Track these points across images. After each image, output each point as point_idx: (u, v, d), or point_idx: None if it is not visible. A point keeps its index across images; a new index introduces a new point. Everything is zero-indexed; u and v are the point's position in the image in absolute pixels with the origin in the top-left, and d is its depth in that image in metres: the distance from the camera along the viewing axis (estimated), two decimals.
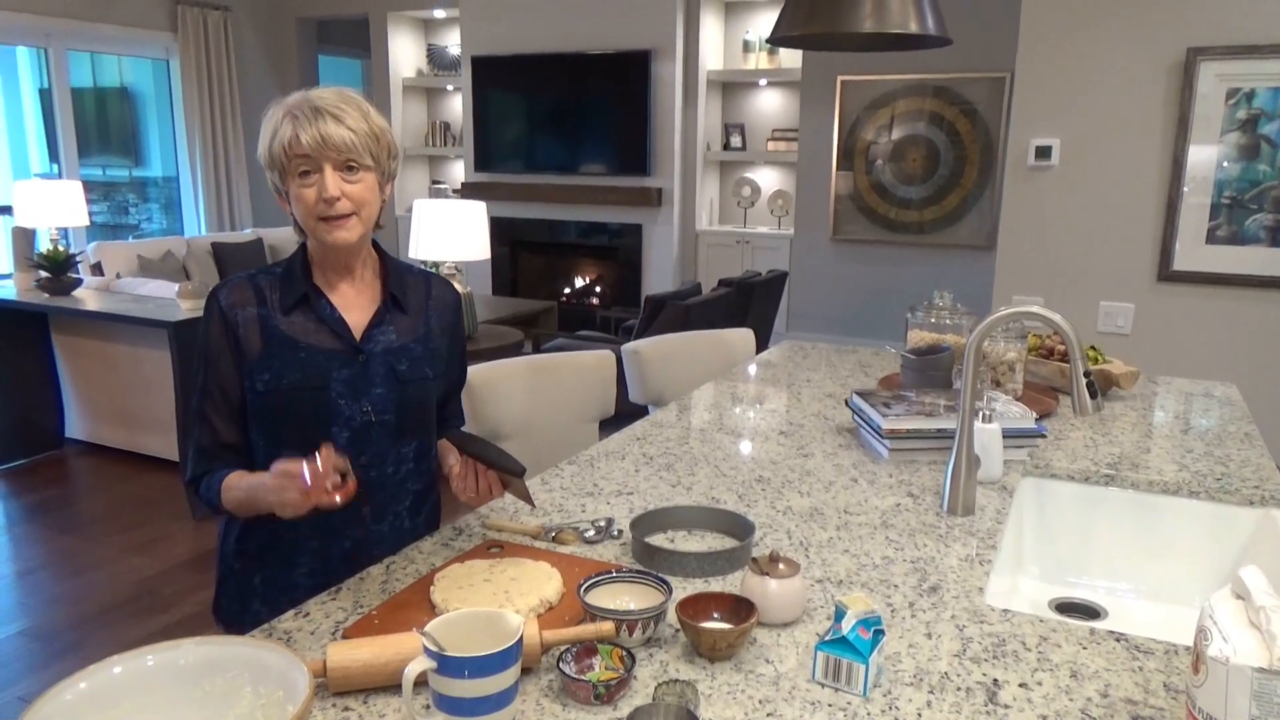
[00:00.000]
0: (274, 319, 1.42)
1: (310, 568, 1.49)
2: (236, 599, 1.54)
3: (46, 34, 6.85)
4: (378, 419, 1.46)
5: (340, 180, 1.36)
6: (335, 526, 1.48)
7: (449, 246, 4.01)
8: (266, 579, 1.51)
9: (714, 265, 7.27)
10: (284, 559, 1.49)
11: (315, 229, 1.39)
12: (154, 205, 8.12)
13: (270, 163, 1.38)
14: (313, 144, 1.33)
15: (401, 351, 1.48)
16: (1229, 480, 1.76)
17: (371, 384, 1.45)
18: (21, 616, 3.18)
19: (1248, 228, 3.35)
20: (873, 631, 1.06)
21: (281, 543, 1.49)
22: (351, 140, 1.36)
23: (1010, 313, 1.53)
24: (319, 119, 1.34)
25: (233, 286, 1.44)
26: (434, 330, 1.55)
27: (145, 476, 4.48)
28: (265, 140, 1.37)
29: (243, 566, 1.53)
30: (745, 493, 1.67)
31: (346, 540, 1.49)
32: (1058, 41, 3.50)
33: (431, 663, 0.94)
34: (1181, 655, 1.15)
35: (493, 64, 7.52)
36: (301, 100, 1.37)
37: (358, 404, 1.44)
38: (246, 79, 8.27)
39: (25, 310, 4.61)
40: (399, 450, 1.50)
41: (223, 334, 1.42)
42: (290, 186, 1.37)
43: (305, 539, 1.48)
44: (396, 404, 1.47)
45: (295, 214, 1.40)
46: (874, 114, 6.46)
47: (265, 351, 1.41)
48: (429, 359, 1.52)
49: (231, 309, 1.42)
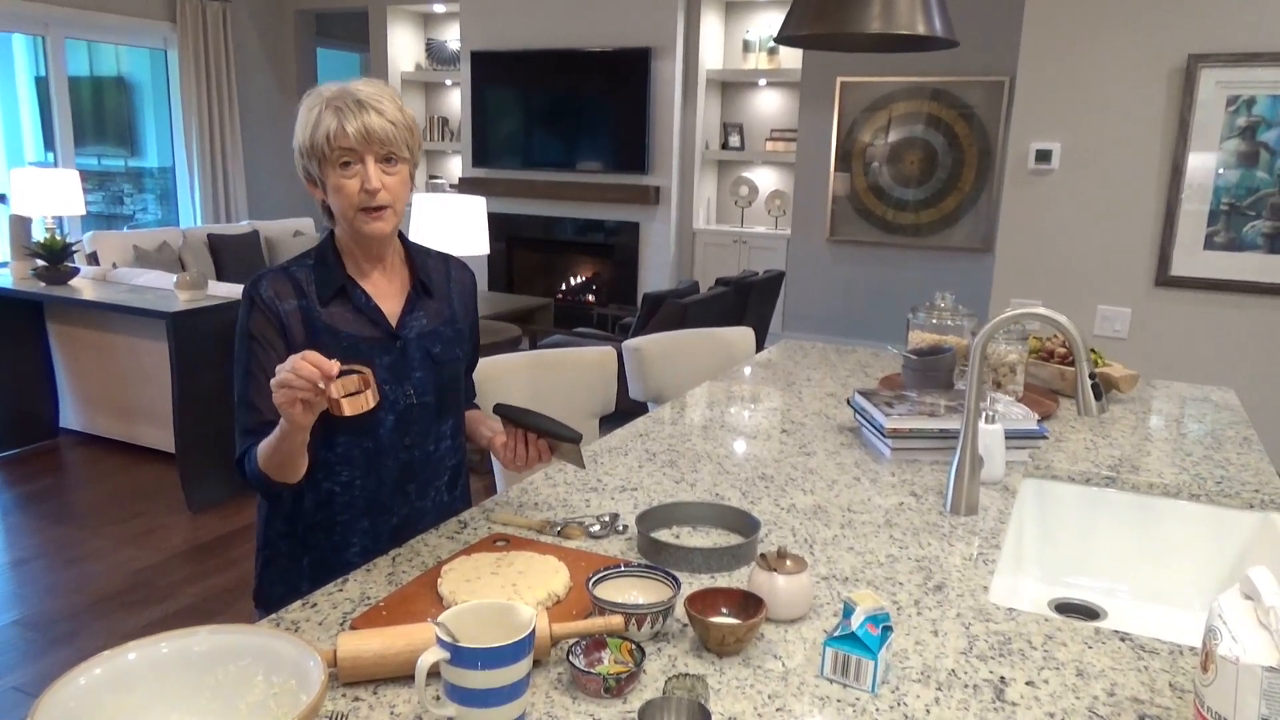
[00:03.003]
0: (315, 310, 1.45)
1: (362, 546, 1.53)
2: (282, 582, 1.56)
3: (45, 22, 6.81)
4: (419, 401, 1.52)
5: (380, 172, 1.39)
6: (384, 504, 1.53)
7: (448, 241, 4.01)
8: (316, 560, 1.54)
9: (710, 264, 7.28)
10: (336, 539, 1.53)
11: (354, 219, 1.41)
12: (149, 196, 8.09)
13: (310, 151, 1.39)
14: (357, 135, 1.36)
15: (434, 335, 1.54)
16: (1228, 484, 1.77)
17: (411, 368, 1.50)
18: (16, 606, 3.17)
19: (1246, 234, 3.37)
20: (881, 628, 1.07)
21: (334, 524, 1.52)
22: (392, 133, 1.39)
23: (1016, 314, 1.54)
24: (363, 111, 1.37)
25: (271, 279, 1.46)
26: (458, 312, 1.60)
27: (141, 467, 4.47)
28: (305, 129, 1.39)
29: (290, 549, 1.55)
30: (749, 490, 1.67)
31: (394, 517, 1.55)
32: (1059, 46, 3.51)
33: (445, 653, 0.94)
34: (1186, 655, 1.15)
35: (492, 59, 7.51)
36: (343, 91, 1.39)
37: (401, 388, 1.49)
38: (244, 71, 8.25)
39: (21, 299, 4.59)
40: (439, 429, 1.57)
41: (268, 322, 1.44)
42: (329, 177, 1.39)
43: (356, 519, 1.52)
44: (435, 385, 1.53)
45: (333, 204, 1.42)
46: (872, 116, 6.48)
47: (310, 343, 1.43)
48: (457, 340, 1.58)
49: (274, 300, 1.44)
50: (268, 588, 1.59)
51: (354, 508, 1.52)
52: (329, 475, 1.50)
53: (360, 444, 1.49)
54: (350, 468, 1.50)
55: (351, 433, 1.47)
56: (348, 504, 1.51)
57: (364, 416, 1.39)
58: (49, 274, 4.60)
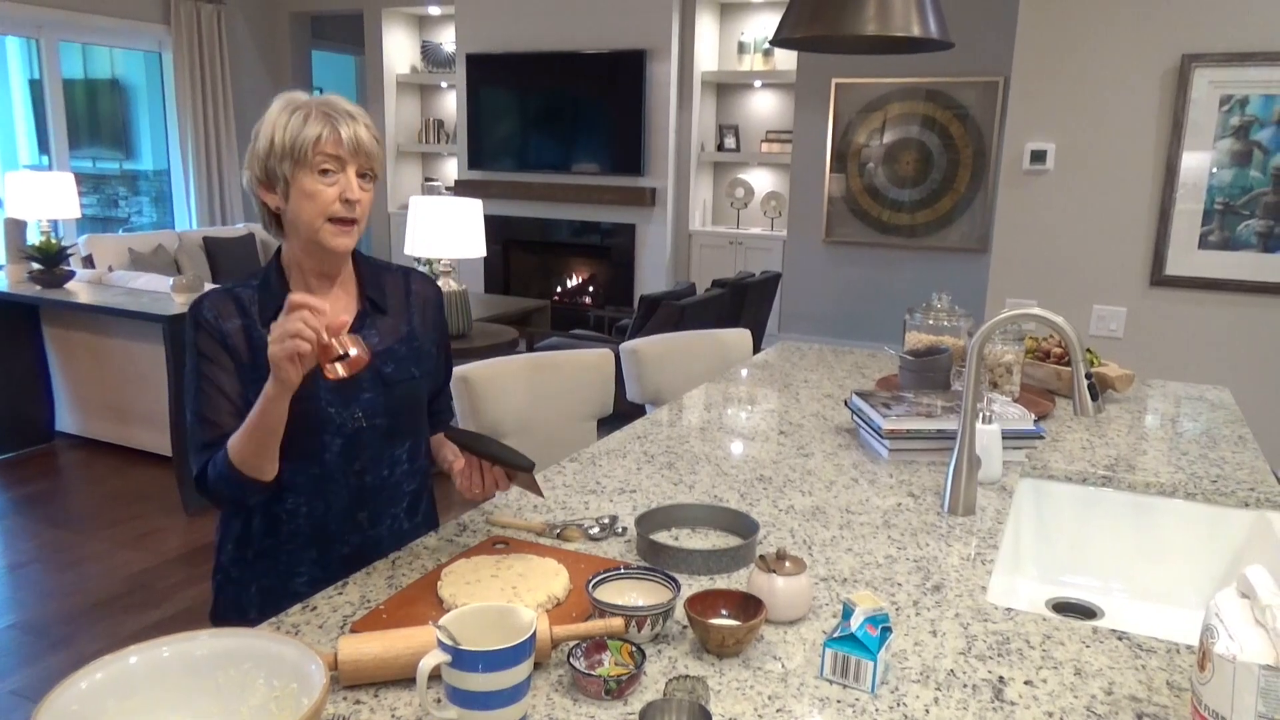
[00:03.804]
0: (256, 330, 1.41)
1: (310, 576, 1.48)
2: (233, 608, 1.52)
3: (38, 25, 6.80)
4: (369, 424, 1.45)
5: (359, 185, 1.37)
6: (333, 533, 1.47)
7: (445, 244, 4.01)
8: (264, 588, 1.49)
9: (707, 266, 7.28)
10: (282, 567, 1.48)
11: (320, 230, 1.36)
12: (144, 198, 8.08)
13: (287, 151, 1.33)
14: (350, 143, 1.34)
15: (386, 354, 1.47)
16: (1224, 482, 1.78)
17: (359, 389, 1.44)
18: (13, 610, 3.17)
19: (1239, 233, 3.38)
20: (880, 629, 1.07)
21: (280, 551, 1.47)
22: (375, 149, 1.39)
23: (1013, 314, 1.54)
24: (354, 122, 1.35)
25: (214, 300, 1.42)
26: (417, 328, 1.53)
27: (137, 470, 4.46)
28: (282, 130, 1.33)
29: (239, 575, 1.51)
30: (747, 491, 1.68)
31: (345, 546, 1.48)
32: (1054, 46, 3.52)
33: (446, 656, 0.94)
34: (1183, 654, 1.16)
35: (488, 61, 7.52)
36: (329, 101, 1.36)
37: (348, 410, 1.43)
38: (239, 73, 8.24)
39: (16, 302, 4.58)
40: (392, 453, 1.50)
41: (213, 340, 1.40)
42: (303, 181, 1.34)
43: (303, 548, 1.47)
44: (386, 407, 1.47)
45: (298, 211, 1.36)
46: (867, 117, 6.49)
47: (253, 362, 1.39)
48: (414, 358, 1.51)
49: (217, 320, 1.40)
50: (221, 612, 1.54)
51: (300, 536, 1.46)
52: (275, 500, 1.45)
53: (306, 469, 1.44)
54: (295, 494, 1.44)
55: (296, 458, 1.40)
56: (294, 532, 1.45)
57: (308, 442, 1.39)
58: (44, 277, 4.59)
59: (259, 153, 1.37)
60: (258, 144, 1.37)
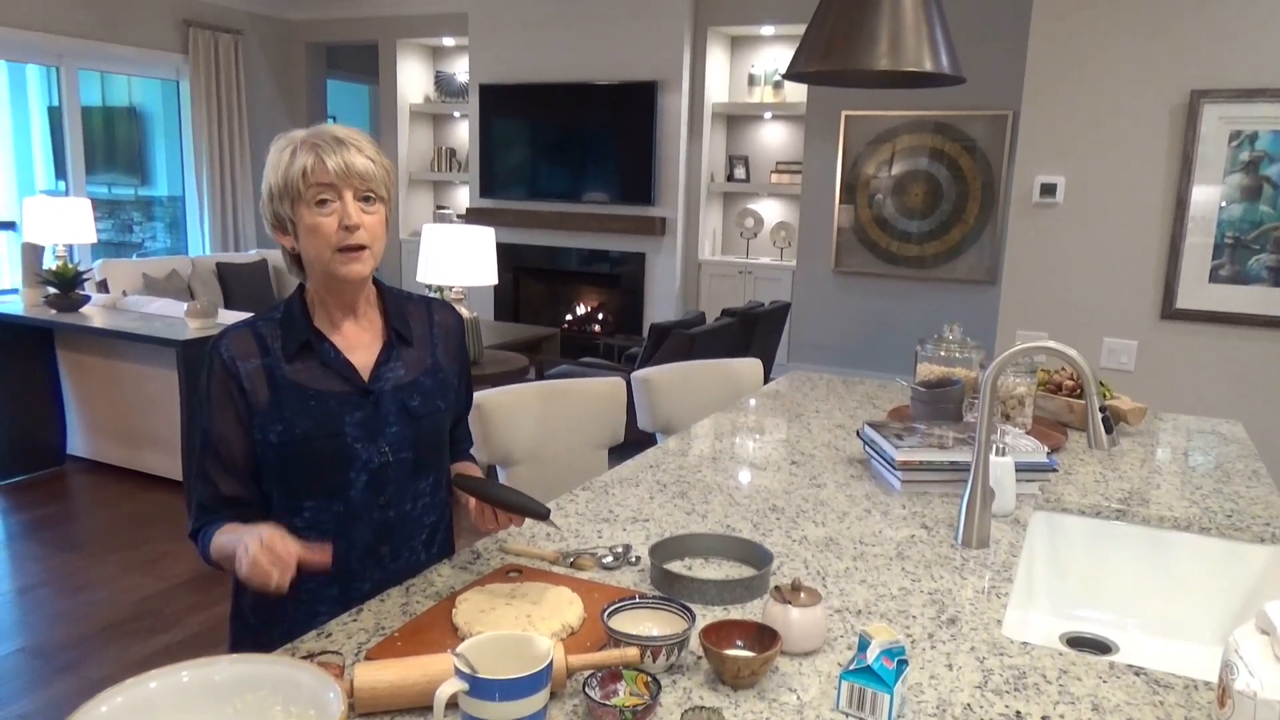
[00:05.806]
0: (279, 368, 1.39)
1: (330, 614, 1.45)
2: (255, 651, 1.49)
3: (59, 53, 6.91)
4: (395, 458, 1.44)
5: (359, 210, 1.35)
6: (354, 571, 1.45)
7: (457, 272, 4.04)
8: (286, 633, 1.45)
9: (716, 295, 7.31)
10: (305, 611, 1.45)
11: (330, 261, 1.36)
12: (159, 224, 8.15)
13: (284, 190, 1.34)
14: (338, 170, 1.32)
15: (412, 387, 1.46)
16: (1239, 517, 1.77)
17: (385, 423, 1.43)
18: (21, 634, 3.17)
19: (1250, 267, 3.38)
20: (896, 662, 1.07)
21: (301, 595, 1.43)
22: (372, 170, 1.36)
23: (1027, 347, 1.55)
24: (342, 148, 1.34)
25: (234, 338, 1.41)
26: (441, 360, 1.53)
27: (147, 494, 4.47)
28: (278, 169, 1.35)
29: (260, 622, 1.48)
30: (760, 521, 1.68)
31: (366, 583, 1.46)
32: (1064, 80, 3.55)
33: (463, 684, 0.95)
34: (1201, 690, 1.15)
35: (500, 92, 7.59)
36: (319, 131, 1.36)
37: (374, 445, 1.42)
38: (255, 102, 8.34)
39: (31, 325, 4.61)
40: (417, 486, 1.49)
41: (225, 387, 1.39)
42: (304, 217, 1.35)
43: (324, 587, 1.44)
44: (413, 440, 1.46)
45: (307, 248, 1.36)
46: (876, 149, 6.53)
47: (274, 401, 1.38)
48: (439, 390, 1.50)
49: (234, 361, 1.39)
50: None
51: (321, 576, 1.40)
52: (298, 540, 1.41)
53: (330, 508, 1.42)
54: (319, 532, 1.41)
55: (321, 495, 1.39)
56: (315, 573, 1.37)
57: (334, 479, 1.39)
58: (60, 301, 4.63)
59: (265, 198, 1.39)
60: (263, 190, 1.39)
